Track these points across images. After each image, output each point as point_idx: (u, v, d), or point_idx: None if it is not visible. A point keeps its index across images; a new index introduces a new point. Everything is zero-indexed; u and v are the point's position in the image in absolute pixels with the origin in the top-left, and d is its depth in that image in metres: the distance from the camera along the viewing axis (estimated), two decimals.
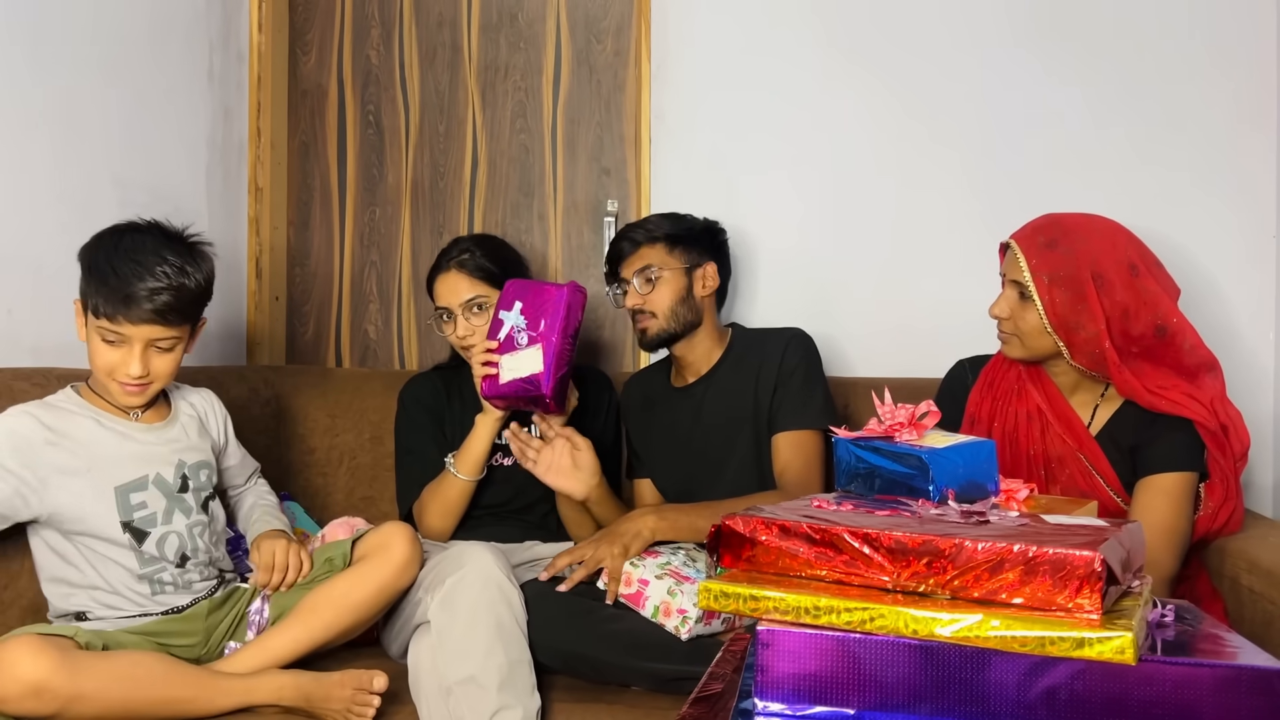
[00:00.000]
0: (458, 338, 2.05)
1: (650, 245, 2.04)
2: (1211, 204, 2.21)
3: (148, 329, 1.60)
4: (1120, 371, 1.66)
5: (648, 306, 2.02)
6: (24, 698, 1.37)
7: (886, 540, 1.04)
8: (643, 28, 2.46)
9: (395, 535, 1.72)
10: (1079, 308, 1.65)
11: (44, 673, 1.36)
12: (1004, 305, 1.73)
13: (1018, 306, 1.71)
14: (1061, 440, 1.74)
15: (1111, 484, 1.70)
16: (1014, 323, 1.72)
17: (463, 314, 2.03)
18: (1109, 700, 0.98)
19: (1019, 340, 1.73)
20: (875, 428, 1.30)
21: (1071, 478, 1.72)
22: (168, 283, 1.59)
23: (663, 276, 2.02)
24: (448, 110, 2.63)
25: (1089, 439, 1.72)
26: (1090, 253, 1.66)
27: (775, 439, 1.98)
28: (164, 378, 1.66)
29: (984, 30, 2.31)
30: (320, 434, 2.32)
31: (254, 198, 2.60)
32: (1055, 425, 1.74)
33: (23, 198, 1.92)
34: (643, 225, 2.08)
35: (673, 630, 1.67)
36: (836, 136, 2.38)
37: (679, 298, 2.03)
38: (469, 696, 1.54)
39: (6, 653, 1.38)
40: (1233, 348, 2.13)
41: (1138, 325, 1.66)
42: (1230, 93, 2.21)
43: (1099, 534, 1.04)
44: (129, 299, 1.57)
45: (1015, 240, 1.72)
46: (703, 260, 2.07)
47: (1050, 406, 1.75)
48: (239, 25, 2.57)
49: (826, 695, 1.04)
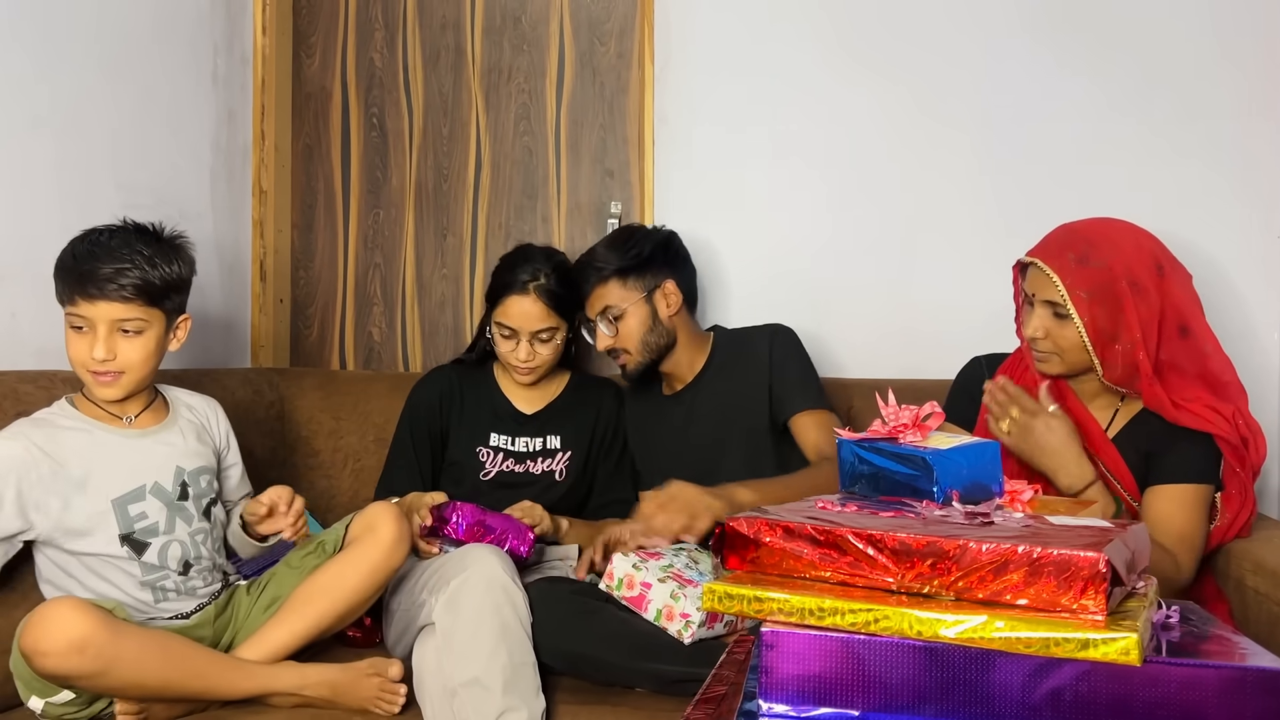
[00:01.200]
0: (517, 359, 2.04)
1: (603, 285, 2.02)
2: (1222, 201, 2.19)
3: (107, 307, 1.57)
4: (1151, 385, 1.64)
5: (619, 345, 2.02)
6: (68, 653, 1.37)
7: (891, 542, 1.04)
8: (646, 30, 2.47)
9: (381, 516, 1.69)
10: (1117, 319, 1.62)
11: (88, 629, 1.38)
12: (1039, 325, 1.67)
13: (1054, 325, 1.66)
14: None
15: (1129, 489, 1.69)
16: (1052, 341, 1.67)
17: (528, 340, 2.03)
18: (1114, 701, 0.98)
19: (1059, 358, 1.68)
20: (879, 429, 1.29)
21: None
22: (130, 264, 1.58)
23: (625, 312, 2.01)
24: (451, 112, 2.64)
25: (1106, 443, 1.71)
26: (1122, 261, 1.63)
27: (796, 421, 1.97)
28: (136, 367, 1.62)
29: (990, 26, 2.31)
30: (324, 436, 2.32)
31: (258, 200, 2.61)
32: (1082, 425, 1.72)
33: (26, 201, 1.92)
34: (591, 263, 2.04)
35: (675, 634, 1.67)
36: (841, 137, 2.38)
37: (646, 328, 2.02)
38: (474, 698, 1.54)
39: (52, 610, 1.40)
40: (1242, 346, 2.12)
41: (1167, 327, 1.65)
42: (1243, 86, 2.19)
43: (1104, 535, 1.04)
44: (84, 277, 1.57)
45: (1042, 259, 1.67)
46: (659, 280, 2.04)
47: (1068, 411, 1.73)
48: (243, 28, 2.58)
49: (831, 697, 1.04)
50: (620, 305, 2.01)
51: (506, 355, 2.07)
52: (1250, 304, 2.18)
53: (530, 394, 2.14)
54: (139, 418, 1.69)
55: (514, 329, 2.03)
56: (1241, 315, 2.17)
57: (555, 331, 2.05)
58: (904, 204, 2.35)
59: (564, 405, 2.15)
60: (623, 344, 2.02)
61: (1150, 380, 1.64)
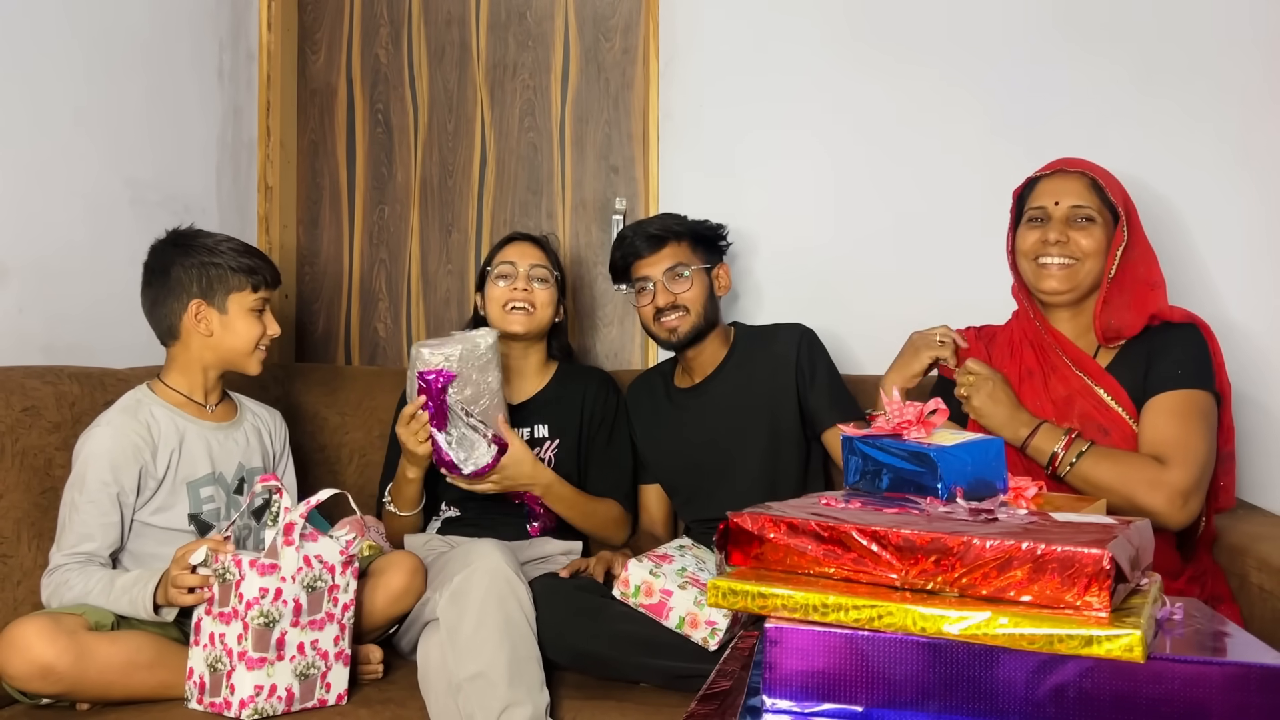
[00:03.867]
0: (512, 290, 2.07)
1: (676, 243, 2.04)
2: (1231, 192, 2.18)
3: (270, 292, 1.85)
4: (1154, 288, 1.71)
5: (682, 302, 2.02)
6: (32, 678, 1.46)
7: (895, 538, 1.04)
8: (651, 26, 2.46)
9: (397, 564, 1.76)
10: (1134, 230, 1.72)
11: (51, 656, 1.45)
12: (1061, 230, 1.72)
13: (1077, 232, 1.72)
14: (1064, 382, 1.72)
15: (1130, 412, 1.68)
16: (1076, 246, 1.72)
17: (525, 273, 2.09)
18: (1118, 698, 0.98)
19: (1080, 266, 1.72)
20: (883, 425, 1.30)
21: (1086, 413, 1.69)
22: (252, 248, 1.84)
23: (692, 273, 2.02)
24: (456, 109, 2.64)
25: (1100, 370, 1.71)
26: (1122, 189, 1.75)
27: (830, 434, 1.98)
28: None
29: (997, 22, 2.30)
30: (330, 432, 2.33)
31: (264, 196, 2.61)
32: (1060, 369, 1.73)
33: (33, 196, 1.93)
34: (660, 222, 2.06)
35: (700, 641, 1.66)
36: (846, 132, 2.37)
37: (706, 296, 2.04)
38: (478, 692, 1.54)
39: (19, 635, 1.46)
40: (1250, 342, 2.12)
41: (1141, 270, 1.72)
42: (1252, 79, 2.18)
43: (1107, 532, 1.04)
44: (259, 264, 1.82)
45: (1083, 168, 1.76)
46: (717, 260, 2.09)
47: (1045, 358, 1.76)
48: (248, 24, 2.58)
49: (835, 692, 1.04)
50: (688, 265, 2.03)
51: (500, 297, 2.08)
52: (1255, 298, 2.17)
53: (519, 384, 2.15)
54: (215, 410, 1.84)
55: (513, 261, 2.09)
56: (1246, 307, 2.15)
57: (548, 276, 2.09)
58: (913, 199, 2.34)
59: (550, 394, 2.15)
60: (686, 301, 2.02)
61: (1153, 286, 1.72)
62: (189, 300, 1.76)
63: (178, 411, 1.78)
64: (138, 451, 1.69)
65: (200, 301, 1.76)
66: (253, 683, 1.49)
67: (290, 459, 1.98)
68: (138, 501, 1.70)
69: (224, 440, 1.82)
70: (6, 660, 1.45)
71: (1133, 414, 1.67)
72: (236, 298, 1.78)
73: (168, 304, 1.77)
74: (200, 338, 1.77)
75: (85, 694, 1.51)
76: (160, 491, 1.72)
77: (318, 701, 1.56)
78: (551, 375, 2.17)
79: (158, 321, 1.79)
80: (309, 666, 1.55)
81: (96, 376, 1.84)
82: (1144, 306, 1.71)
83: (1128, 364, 1.71)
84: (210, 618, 1.52)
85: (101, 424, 1.70)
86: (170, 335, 1.79)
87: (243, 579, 1.50)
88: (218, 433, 1.81)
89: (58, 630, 1.46)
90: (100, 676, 1.49)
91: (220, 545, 1.53)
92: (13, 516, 1.66)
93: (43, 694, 1.50)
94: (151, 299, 1.79)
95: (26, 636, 1.45)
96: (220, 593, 1.52)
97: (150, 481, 1.71)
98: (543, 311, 2.09)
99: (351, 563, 1.61)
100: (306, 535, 1.57)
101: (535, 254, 2.11)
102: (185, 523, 1.74)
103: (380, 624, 1.73)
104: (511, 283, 2.08)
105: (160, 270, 1.78)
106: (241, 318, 1.79)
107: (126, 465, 1.67)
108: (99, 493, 1.65)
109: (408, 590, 1.72)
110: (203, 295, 1.76)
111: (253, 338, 1.80)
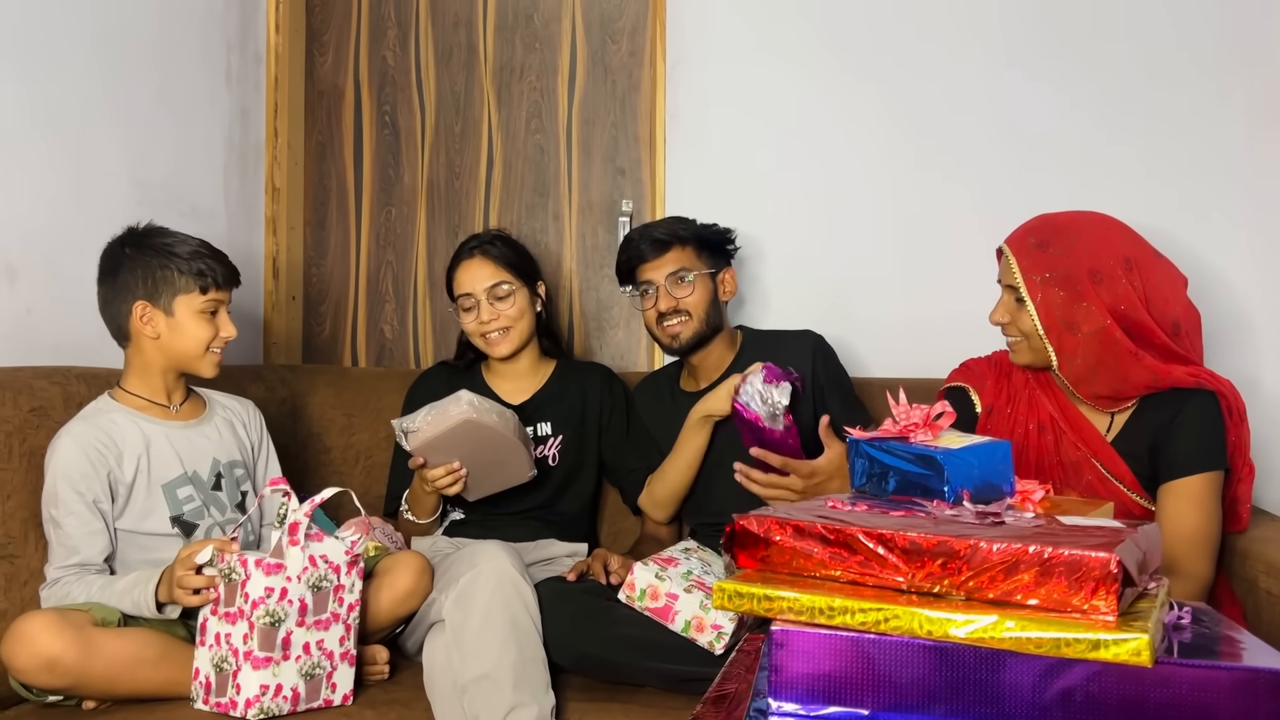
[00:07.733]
0: (479, 323, 2.06)
1: (681, 247, 2.03)
2: (1226, 206, 2.18)
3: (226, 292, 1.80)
4: (1139, 358, 1.63)
5: (684, 307, 2.01)
6: (39, 671, 1.46)
7: (901, 541, 1.04)
8: (658, 28, 2.47)
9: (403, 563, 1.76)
10: (1075, 306, 1.63)
11: (57, 649, 1.45)
12: (1001, 311, 1.73)
13: (1015, 311, 1.70)
14: (1075, 447, 1.72)
15: (1132, 488, 1.68)
16: (1016, 327, 1.71)
17: (486, 299, 2.05)
18: (1125, 702, 0.98)
19: (1025, 344, 1.71)
20: (890, 428, 1.29)
21: (1090, 485, 1.70)
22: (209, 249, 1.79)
23: (696, 278, 2.02)
24: (463, 110, 2.64)
25: (1104, 445, 1.70)
26: (1085, 249, 1.64)
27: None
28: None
29: (999, 28, 2.30)
30: (336, 433, 2.33)
31: (271, 198, 2.62)
32: (1069, 433, 1.72)
33: (41, 197, 1.94)
34: (665, 226, 2.06)
35: (706, 646, 1.65)
36: (853, 136, 2.37)
37: (710, 301, 2.03)
38: (484, 694, 1.54)
39: (26, 628, 1.47)
40: (1251, 358, 2.12)
41: (1161, 320, 1.65)
42: (1244, 95, 2.18)
43: (1115, 535, 1.03)
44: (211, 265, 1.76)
45: (1007, 244, 1.72)
46: (722, 265, 2.08)
47: (1062, 415, 1.73)
48: (256, 26, 2.59)
49: (841, 696, 1.04)
50: (691, 270, 2.02)
51: (473, 330, 2.09)
52: (1254, 310, 2.17)
53: (517, 385, 2.15)
54: (181, 408, 1.81)
55: (469, 292, 2.07)
56: (1244, 322, 2.15)
57: (512, 288, 2.07)
58: (920, 204, 2.34)
59: (551, 392, 2.15)
60: (687, 307, 2.01)
61: (1134, 355, 1.63)
62: (134, 301, 1.72)
63: (140, 415, 1.75)
64: (102, 459, 1.67)
65: (145, 303, 1.73)
66: (258, 682, 1.49)
67: (270, 447, 1.95)
68: (114, 509, 1.69)
69: (193, 439, 1.79)
70: (14, 654, 1.46)
71: (1134, 487, 1.68)
72: (184, 299, 1.73)
73: (115, 305, 1.74)
74: (149, 340, 1.74)
75: (91, 689, 1.51)
76: (135, 497, 1.71)
77: (323, 702, 1.56)
78: (550, 373, 2.18)
79: (109, 322, 1.77)
80: (314, 666, 1.55)
81: (104, 377, 1.84)
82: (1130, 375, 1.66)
83: (1134, 436, 1.70)
84: (216, 618, 1.53)
85: (63, 435, 1.68)
86: (122, 337, 1.76)
87: (248, 579, 1.50)
88: (186, 431, 1.79)
89: (64, 624, 1.47)
90: (106, 671, 1.49)
91: (226, 545, 1.54)
92: (20, 516, 1.67)
93: (49, 689, 1.50)
94: (102, 299, 1.77)
95: (33, 630, 1.46)
96: (226, 592, 1.52)
97: (121, 488, 1.69)
98: (519, 324, 2.09)
99: (357, 563, 1.61)
100: (312, 535, 1.57)
101: (487, 271, 2.08)
102: (169, 526, 1.72)
103: (386, 624, 1.73)
104: (476, 315, 2.08)
105: (109, 270, 1.75)
106: (190, 320, 1.74)
107: (93, 472, 1.66)
108: (75, 503, 1.64)
109: (414, 591, 1.72)
110: (148, 297, 1.73)
111: (203, 340, 1.75)
